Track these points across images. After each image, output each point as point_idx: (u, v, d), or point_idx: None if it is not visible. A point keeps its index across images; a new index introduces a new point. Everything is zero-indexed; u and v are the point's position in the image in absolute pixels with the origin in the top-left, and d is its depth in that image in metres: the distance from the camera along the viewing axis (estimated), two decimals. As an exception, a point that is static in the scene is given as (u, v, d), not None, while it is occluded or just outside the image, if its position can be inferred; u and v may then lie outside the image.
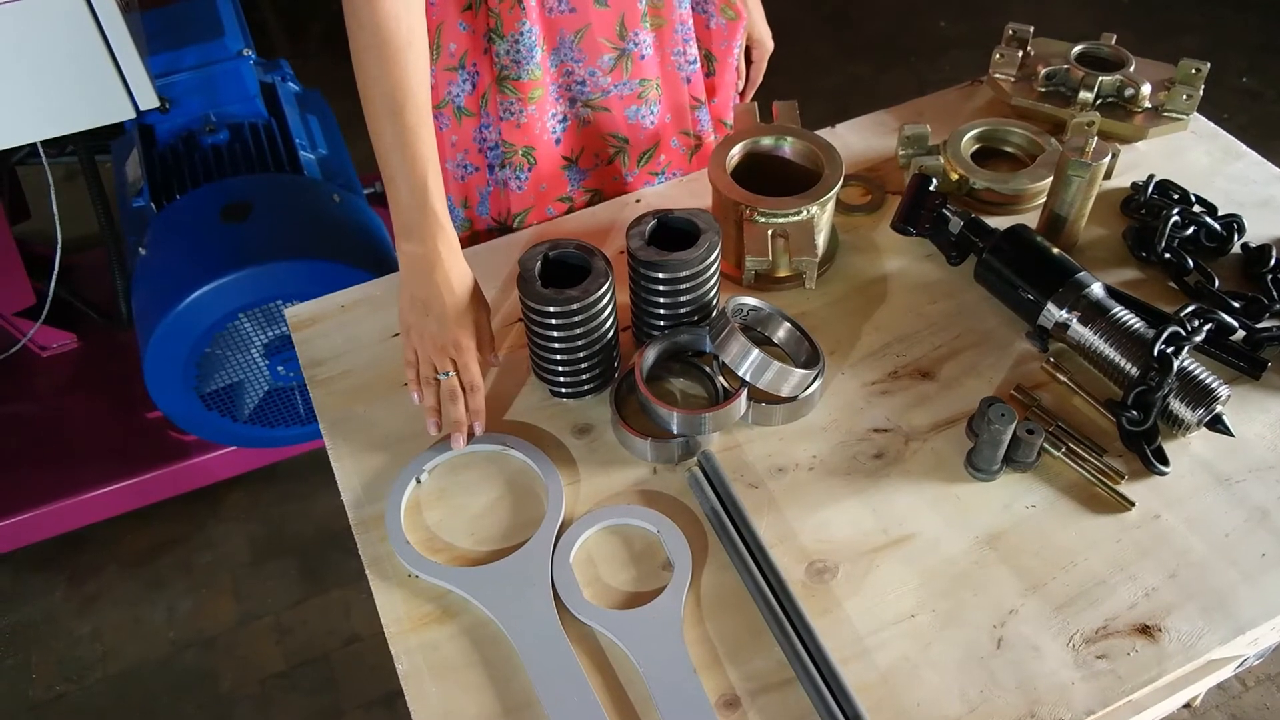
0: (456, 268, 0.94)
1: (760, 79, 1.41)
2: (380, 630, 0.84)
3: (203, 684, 1.71)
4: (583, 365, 0.95)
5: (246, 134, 1.78)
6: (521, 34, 1.07)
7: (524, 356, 1.01)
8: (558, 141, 1.19)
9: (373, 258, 1.64)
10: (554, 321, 0.91)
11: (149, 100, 1.34)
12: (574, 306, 0.89)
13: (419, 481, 0.93)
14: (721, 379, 0.95)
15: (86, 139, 1.68)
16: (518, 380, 1.01)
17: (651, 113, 1.21)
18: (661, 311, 0.96)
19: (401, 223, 0.93)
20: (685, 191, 1.20)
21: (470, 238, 1.27)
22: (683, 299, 0.95)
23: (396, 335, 1.06)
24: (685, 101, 1.23)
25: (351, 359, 1.04)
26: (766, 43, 1.38)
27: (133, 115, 1.34)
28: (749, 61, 1.38)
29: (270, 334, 1.63)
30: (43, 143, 1.57)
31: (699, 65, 1.24)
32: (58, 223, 1.65)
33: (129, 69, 1.29)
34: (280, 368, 1.67)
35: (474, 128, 1.17)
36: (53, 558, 1.88)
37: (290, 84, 1.97)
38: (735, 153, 1.08)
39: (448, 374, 0.94)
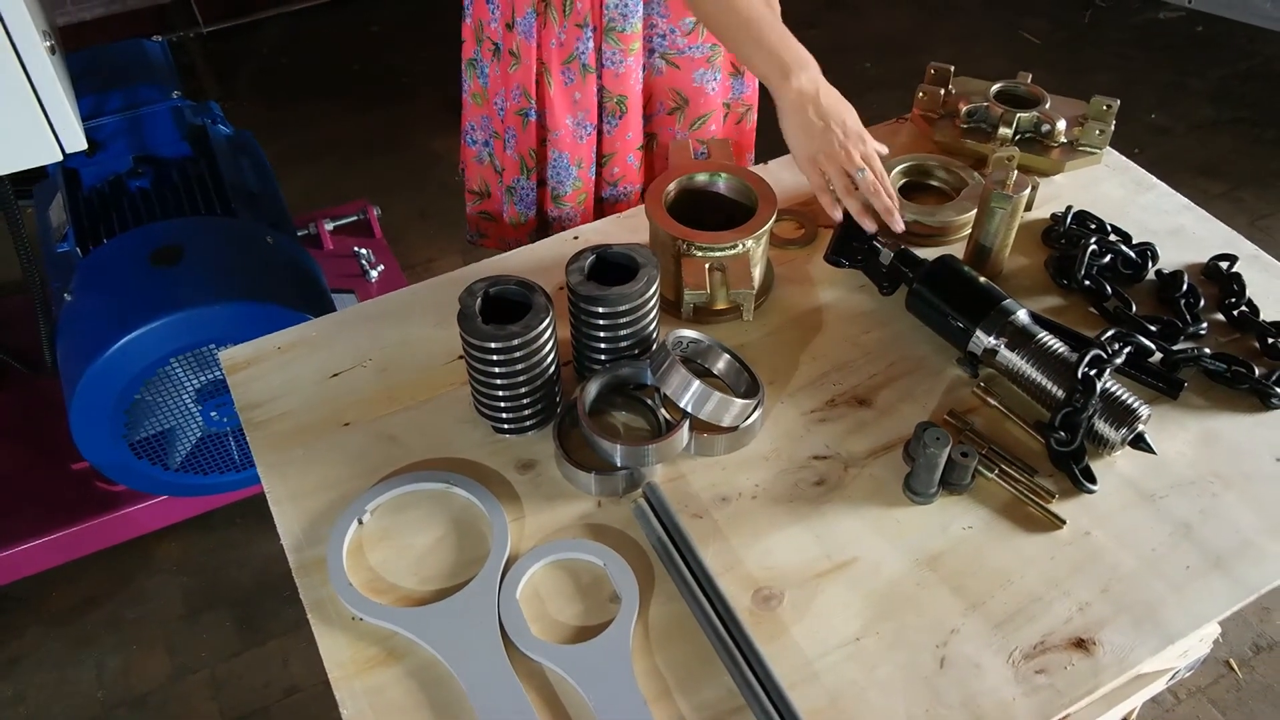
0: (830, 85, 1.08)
1: None
2: (322, 679, 0.82)
3: (133, 744, 1.64)
4: (525, 401, 0.95)
5: (175, 177, 1.75)
6: None
7: (465, 393, 1.01)
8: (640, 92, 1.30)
9: (307, 299, 1.62)
10: (495, 358, 0.91)
11: (76, 142, 1.31)
12: (515, 342, 0.90)
13: (361, 522, 0.92)
14: (663, 411, 0.96)
15: (8, 183, 1.64)
16: (459, 417, 1.00)
17: (714, 79, 1.33)
18: (602, 345, 0.97)
19: (780, 65, 1.06)
20: (623, 228, 1.22)
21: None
22: (623, 333, 0.96)
23: (335, 375, 1.05)
24: (729, 70, 1.36)
25: (289, 400, 1.03)
26: None
27: (59, 158, 1.31)
28: None
29: (203, 379, 1.59)
30: (-38, 187, 1.53)
31: None
32: (-23, 269, 1.60)
33: (54, 111, 1.27)
34: (213, 413, 1.64)
35: (595, 86, 1.28)
36: (-29, 618, 1.80)
37: (221, 126, 1.95)
38: (671, 189, 1.10)
39: (863, 171, 1.05)
